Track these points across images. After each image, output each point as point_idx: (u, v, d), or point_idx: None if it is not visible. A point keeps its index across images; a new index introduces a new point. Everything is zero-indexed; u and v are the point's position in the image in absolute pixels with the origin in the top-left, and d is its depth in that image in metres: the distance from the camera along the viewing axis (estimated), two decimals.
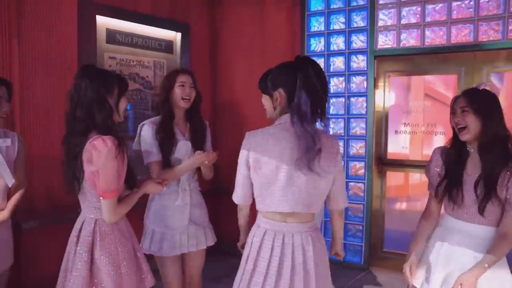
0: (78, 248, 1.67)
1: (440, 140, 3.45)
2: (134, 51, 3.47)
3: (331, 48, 3.75)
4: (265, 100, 1.72)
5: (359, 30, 3.61)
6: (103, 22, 3.25)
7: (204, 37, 4.05)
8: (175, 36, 3.77)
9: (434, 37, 3.36)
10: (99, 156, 1.57)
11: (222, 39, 4.12)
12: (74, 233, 1.74)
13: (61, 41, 3.03)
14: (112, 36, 3.32)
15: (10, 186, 2.07)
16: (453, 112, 1.75)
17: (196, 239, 2.26)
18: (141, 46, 3.51)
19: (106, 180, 1.58)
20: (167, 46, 3.72)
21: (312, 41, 3.83)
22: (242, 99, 4.00)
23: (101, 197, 1.61)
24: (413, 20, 3.41)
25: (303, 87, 1.50)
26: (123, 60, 3.40)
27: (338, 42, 3.72)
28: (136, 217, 2.12)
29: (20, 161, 2.17)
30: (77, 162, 1.63)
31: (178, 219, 2.22)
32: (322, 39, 3.78)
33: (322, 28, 3.77)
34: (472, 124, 1.66)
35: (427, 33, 3.38)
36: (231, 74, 4.07)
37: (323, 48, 3.78)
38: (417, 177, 3.69)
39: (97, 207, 1.68)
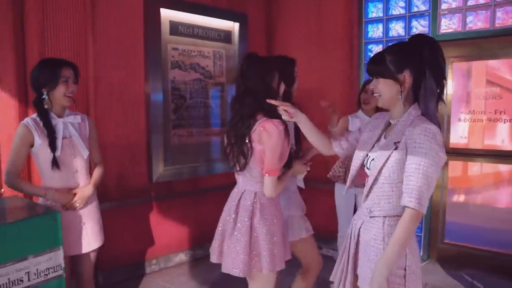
0: (240, 215, 1.89)
1: (505, 128, 3.38)
2: (194, 42, 3.68)
3: (390, 35, 3.76)
4: (384, 86, 1.58)
5: (420, 15, 3.60)
6: (167, 14, 3.48)
7: (261, 27, 4.19)
8: (233, 26, 3.94)
9: (507, 18, 3.27)
10: (269, 137, 1.78)
11: (278, 28, 4.24)
12: (232, 202, 1.97)
13: (129, 34, 3.30)
14: (175, 28, 3.55)
15: (85, 157, 2.28)
16: None
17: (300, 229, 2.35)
18: (201, 37, 3.71)
19: (273, 159, 1.79)
20: (226, 36, 3.90)
21: (370, 27, 3.85)
22: (300, 89, 4.08)
23: (266, 174, 1.82)
24: (481, 0, 3.35)
25: (430, 67, 1.49)
26: (184, 51, 3.61)
27: (397, 28, 3.72)
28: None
29: (94, 140, 2.40)
30: (245, 141, 1.84)
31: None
32: (380, 26, 3.79)
33: (380, 14, 3.78)
34: None
35: (498, 14, 3.29)
36: None
37: (381, 34, 3.80)
38: (478, 168, 3.64)
39: (258, 182, 1.90)
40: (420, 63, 1.50)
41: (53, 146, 2.12)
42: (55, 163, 2.13)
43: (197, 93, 3.72)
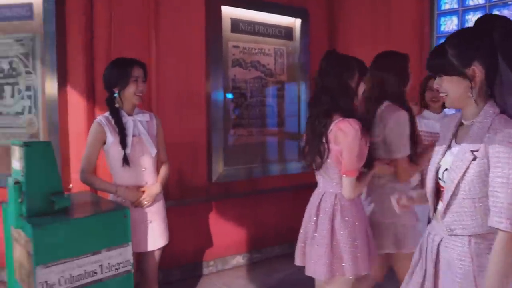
0: (320, 217, 1.88)
1: None
2: (255, 39, 3.66)
3: None
4: (449, 84, 1.36)
5: (503, 4, 3.34)
6: (228, 12, 3.49)
7: (322, 22, 4.10)
8: (294, 23, 3.89)
9: None
10: (345, 137, 1.76)
11: (341, 23, 4.12)
12: (312, 204, 1.96)
13: (190, 32, 3.34)
14: (236, 25, 3.55)
15: (154, 155, 2.31)
16: None
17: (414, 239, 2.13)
18: (262, 34, 3.69)
19: (350, 159, 1.76)
20: (287, 33, 3.85)
21: (443, 20, 3.64)
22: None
23: (344, 175, 1.80)
24: None
25: (505, 55, 1.25)
26: (245, 49, 3.61)
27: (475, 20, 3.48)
28: None
29: (161, 138, 2.43)
30: (322, 141, 1.83)
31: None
32: (455, 18, 3.57)
33: (455, 5, 3.56)
34: None
35: None
36: None
37: (455, 27, 3.57)
38: None
39: (337, 183, 1.88)
40: (492, 52, 1.25)
41: (124, 144, 2.18)
42: (125, 161, 2.18)
43: (257, 91, 3.70)
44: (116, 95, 2.22)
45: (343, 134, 1.76)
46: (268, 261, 3.83)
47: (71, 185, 3.07)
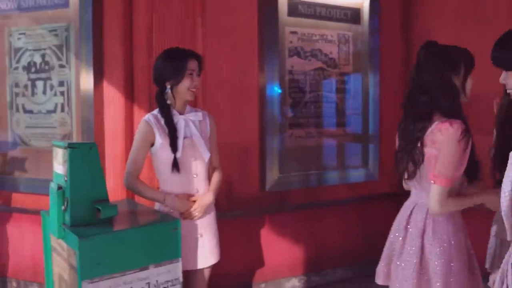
0: (410, 232, 1.88)
1: None
2: (316, 24, 3.67)
3: None
4: None
5: None
6: None
7: (395, 2, 4.04)
8: (362, 2, 3.87)
9: None
10: (441, 138, 1.75)
11: (418, 3, 4.04)
12: (402, 217, 1.97)
13: (241, 16, 3.41)
14: (294, 8, 3.58)
15: (206, 160, 2.39)
16: None
17: None
18: (324, 17, 3.70)
19: (443, 164, 1.75)
20: (353, 15, 3.84)
21: None
22: None
23: (431, 181, 1.79)
24: None
25: None
26: (304, 35, 3.63)
27: None
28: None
29: (214, 140, 2.51)
30: (416, 145, 1.83)
31: None
32: None
33: None
34: None
35: None
36: None
37: None
38: None
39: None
40: None
41: (174, 146, 2.25)
42: (175, 166, 2.25)
43: (318, 85, 3.71)
44: (168, 90, 2.30)
45: (440, 135, 1.75)
46: (328, 285, 3.83)
47: None
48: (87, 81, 3.16)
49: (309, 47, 3.66)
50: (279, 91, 3.56)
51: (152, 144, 2.29)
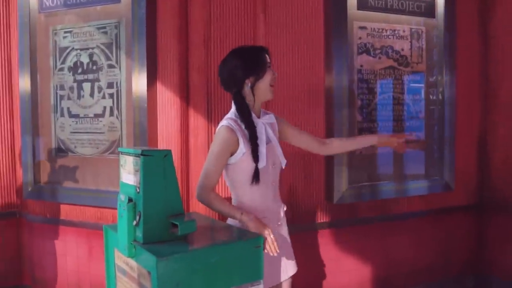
0: None
1: None
2: (387, 18, 3.48)
3: None
4: None
5: None
6: None
7: None
8: None
9: None
10: None
11: None
12: None
13: (305, 10, 3.23)
14: (364, 1, 3.39)
15: (283, 167, 2.27)
16: None
17: None
18: (396, 10, 3.50)
19: None
20: (427, 8, 3.63)
21: None
22: None
23: None
24: None
25: None
26: (374, 30, 3.43)
27: None
28: None
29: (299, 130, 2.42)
30: None
31: None
32: None
33: None
34: None
35: None
36: None
37: None
38: None
39: None
40: None
41: (256, 155, 2.09)
42: (256, 176, 2.10)
43: (388, 85, 3.50)
44: (247, 88, 2.16)
45: None
46: None
47: None
48: (140, 82, 3.00)
49: (379, 43, 3.45)
50: (356, 93, 3.40)
51: (232, 154, 2.11)
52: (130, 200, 1.74)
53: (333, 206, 3.30)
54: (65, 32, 3.29)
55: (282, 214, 2.32)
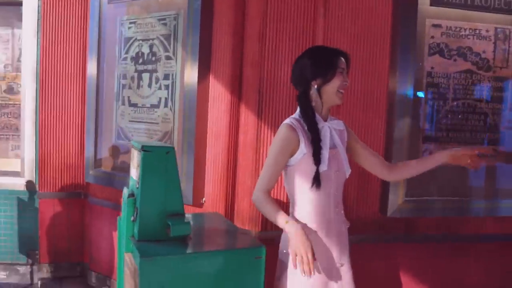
0: None
1: None
2: (466, 15, 3.18)
3: None
4: None
5: None
6: None
7: None
8: None
9: None
10: None
11: None
12: None
13: (372, 5, 3.06)
14: None
15: (348, 175, 2.19)
16: None
17: None
18: (477, 7, 3.18)
19: None
20: None
21: None
22: None
23: None
24: None
25: None
26: (450, 29, 3.15)
27: None
28: None
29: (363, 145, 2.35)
30: None
31: None
32: None
33: None
34: None
35: None
36: None
37: None
38: None
39: None
40: None
41: (318, 158, 2.01)
42: (316, 181, 2.02)
43: (464, 91, 3.21)
44: (314, 90, 2.11)
45: None
46: None
47: (204, 199, 3.06)
48: (191, 74, 3.03)
49: (455, 44, 3.16)
50: (424, 97, 3.17)
51: (292, 154, 2.06)
52: (131, 195, 1.75)
53: (387, 219, 3.10)
54: (130, 23, 3.42)
55: (344, 229, 2.23)
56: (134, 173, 1.79)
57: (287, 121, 2.10)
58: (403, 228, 3.19)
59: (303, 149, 2.04)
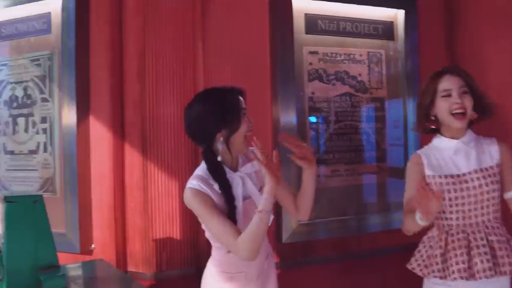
0: None
1: None
2: (341, 41, 3.38)
3: None
4: None
5: None
6: (301, 5, 3.25)
7: (437, 13, 3.68)
8: (395, 15, 3.56)
9: None
10: None
11: (465, 13, 3.64)
12: None
13: (249, 34, 3.14)
14: (313, 24, 3.30)
15: (270, 224, 2.01)
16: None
17: None
18: (351, 33, 3.40)
19: None
20: (385, 30, 3.53)
21: None
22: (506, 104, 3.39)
23: None
24: None
25: None
26: (327, 55, 3.32)
27: None
28: None
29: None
30: None
31: None
32: None
33: None
34: None
35: None
36: (484, 66, 3.51)
37: None
38: None
39: None
40: None
41: (234, 218, 1.87)
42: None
43: (345, 114, 3.38)
44: (220, 144, 1.91)
45: None
46: None
47: (93, 246, 2.94)
48: (70, 116, 2.93)
49: (333, 69, 3.34)
50: (308, 122, 3.27)
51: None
52: None
53: (281, 246, 3.14)
54: (1, 65, 3.25)
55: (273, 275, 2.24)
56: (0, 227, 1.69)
57: (193, 183, 1.89)
58: (301, 254, 3.24)
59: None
